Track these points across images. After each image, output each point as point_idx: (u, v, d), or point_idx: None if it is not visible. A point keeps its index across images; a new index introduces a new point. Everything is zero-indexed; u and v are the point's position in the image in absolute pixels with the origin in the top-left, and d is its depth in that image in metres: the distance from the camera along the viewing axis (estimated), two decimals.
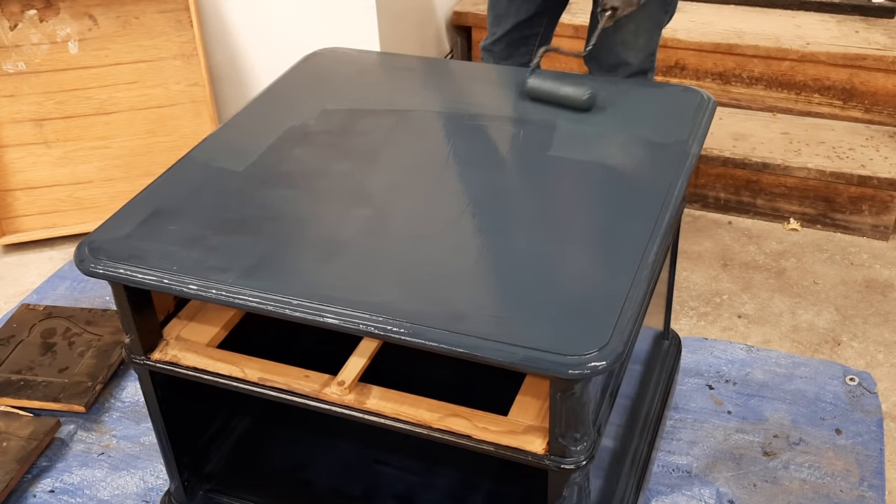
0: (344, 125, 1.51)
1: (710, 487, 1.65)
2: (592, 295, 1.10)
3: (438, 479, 1.53)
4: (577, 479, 1.16)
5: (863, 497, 1.63)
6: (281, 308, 1.11)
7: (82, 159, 2.47)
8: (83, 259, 1.21)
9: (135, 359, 1.33)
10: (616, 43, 1.89)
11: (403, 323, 1.06)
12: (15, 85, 2.40)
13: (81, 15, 2.40)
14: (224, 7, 2.55)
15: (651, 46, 1.94)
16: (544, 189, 1.31)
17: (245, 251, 1.20)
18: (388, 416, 1.20)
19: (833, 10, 2.71)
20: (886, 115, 2.52)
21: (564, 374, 1.01)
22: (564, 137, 1.42)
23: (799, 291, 2.16)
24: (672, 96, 1.53)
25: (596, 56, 1.94)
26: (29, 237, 2.45)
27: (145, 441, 1.81)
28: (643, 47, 1.91)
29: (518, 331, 1.05)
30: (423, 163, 1.38)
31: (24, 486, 1.72)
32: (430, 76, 1.68)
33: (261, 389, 1.27)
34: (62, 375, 1.91)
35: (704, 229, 2.41)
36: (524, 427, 1.17)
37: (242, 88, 2.64)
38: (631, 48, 1.90)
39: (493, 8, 2.04)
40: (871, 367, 1.93)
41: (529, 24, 2.02)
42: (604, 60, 1.93)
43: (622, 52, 1.90)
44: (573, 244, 1.20)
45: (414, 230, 1.24)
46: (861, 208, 2.34)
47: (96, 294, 2.22)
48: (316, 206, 1.31)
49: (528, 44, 2.06)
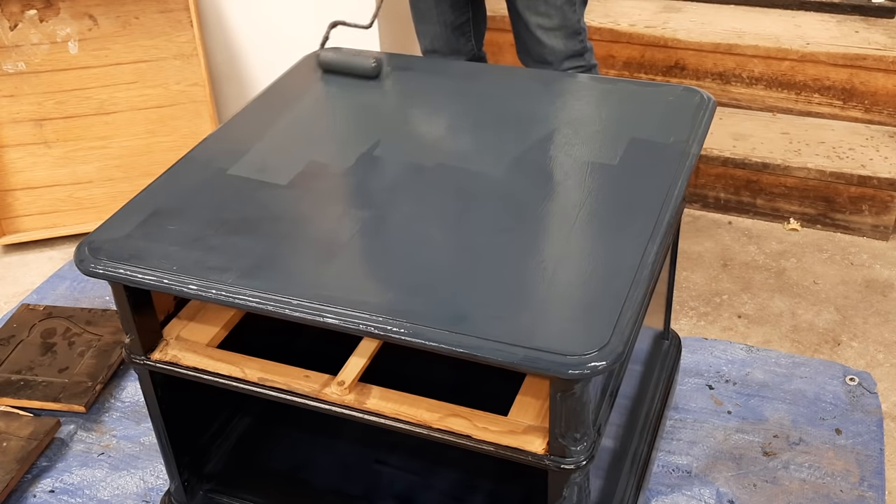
0: (343, 125, 1.52)
1: (710, 487, 1.65)
2: (592, 295, 1.10)
3: (438, 479, 1.53)
4: (577, 479, 1.16)
5: (863, 497, 1.63)
6: (281, 308, 1.11)
7: (82, 159, 2.47)
8: (83, 259, 1.21)
9: (135, 359, 1.33)
10: (533, 26, 1.89)
11: (403, 323, 1.06)
12: (15, 85, 2.40)
13: (81, 15, 2.40)
14: (224, 7, 2.55)
15: (570, 24, 1.91)
16: (544, 189, 1.31)
17: (245, 251, 1.20)
18: (388, 416, 1.20)
19: (833, 10, 2.71)
20: (886, 115, 2.52)
21: (564, 374, 1.01)
22: (564, 137, 1.42)
23: (799, 291, 2.16)
24: (672, 96, 1.53)
25: (523, 47, 1.95)
26: (29, 237, 2.45)
27: (145, 441, 1.81)
28: (560, 25, 1.89)
29: (518, 331, 1.05)
30: (423, 163, 1.38)
31: (24, 486, 1.72)
32: (430, 76, 1.68)
33: (261, 389, 1.27)
34: (62, 375, 1.91)
35: (704, 229, 2.41)
36: (524, 427, 1.17)
37: (242, 88, 2.64)
38: (548, 29, 1.89)
39: (413, 5, 2.04)
40: (871, 367, 1.93)
41: (458, 12, 2.01)
42: (531, 49, 1.93)
43: (542, 35, 1.90)
44: (573, 244, 1.20)
45: (414, 230, 1.24)
46: (861, 208, 2.34)
47: (96, 294, 2.23)
48: (316, 206, 1.31)
49: (465, 33, 2.06)
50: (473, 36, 2.07)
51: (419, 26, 2.07)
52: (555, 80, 1.68)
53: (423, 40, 2.07)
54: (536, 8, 1.87)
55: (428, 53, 2.09)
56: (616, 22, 2.69)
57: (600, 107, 1.53)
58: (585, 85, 1.64)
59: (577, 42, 1.93)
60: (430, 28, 2.03)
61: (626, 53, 2.70)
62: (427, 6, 2.01)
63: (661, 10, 2.78)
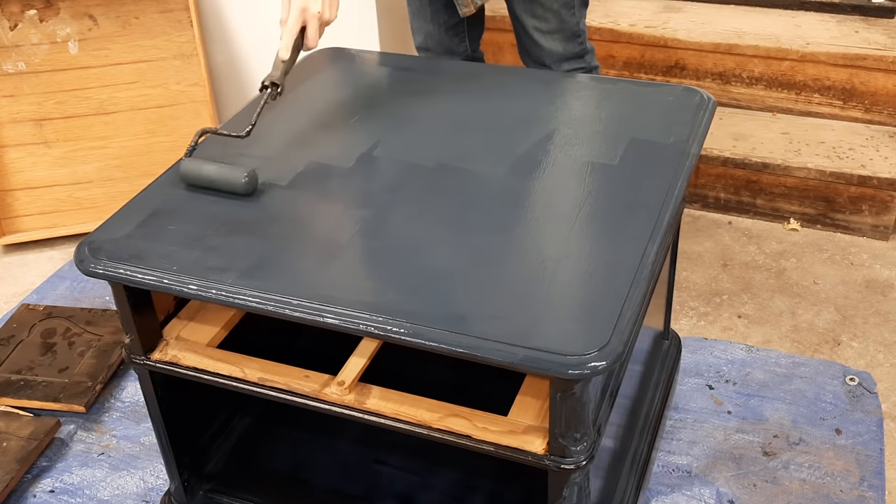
0: (343, 125, 1.51)
1: (710, 487, 1.65)
2: (592, 295, 1.10)
3: (438, 479, 1.52)
4: (577, 479, 1.16)
5: (863, 497, 1.63)
6: (281, 308, 1.11)
7: (82, 159, 2.47)
8: (83, 259, 1.21)
9: (135, 359, 1.33)
10: (530, 28, 1.88)
11: (403, 323, 1.06)
12: (15, 85, 2.40)
13: (81, 15, 2.40)
14: (224, 7, 2.55)
15: (568, 26, 1.90)
16: (544, 189, 1.31)
17: (245, 251, 1.20)
18: (388, 416, 1.20)
19: (833, 10, 2.71)
20: (886, 115, 2.52)
21: (564, 374, 1.01)
22: (564, 137, 1.42)
23: (799, 291, 2.16)
24: (672, 96, 1.53)
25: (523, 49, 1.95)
26: (29, 237, 2.45)
27: (145, 441, 1.81)
28: (557, 28, 1.89)
29: (518, 331, 1.05)
30: (423, 163, 1.38)
31: (24, 486, 1.72)
32: (430, 76, 1.68)
33: (261, 389, 1.26)
34: (62, 375, 1.91)
35: (704, 229, 2.41)
36: (524, 427, 1.17)
37: (242, 88, 2.64)
38: (545, 32, 1.89)
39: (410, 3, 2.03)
40: (871, 367, 1.93)
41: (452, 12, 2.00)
42: (530, 51, 1.93)
43: (539, 37, 1.90)
44: (573, 244, 1.20)
45: (414, 230, 1.24)
46: (861, 208, 2.34)
47: (96, 294, 2.23)
48: (316, 207, 1.31)
49: (459, 34, 2.06)
50: (468, 37, 2.06)
51: (414, 23, 2.06)
52: (555, 80, 1.68)
53: (416, 37, 2.07)
54: (533, 11, 1.87)
55: (421, 51, 2.09)
56: (616, 22, 2.69)
57: (600, 107, 1.53)
58: (585, 85, 1.64)
59: (577, 44, 1.93)
60: (424, 26, 2.03)
61: (626, 53, 2.70)
62: (422, 4, 2.00)
63: (661, 10, 2.78)
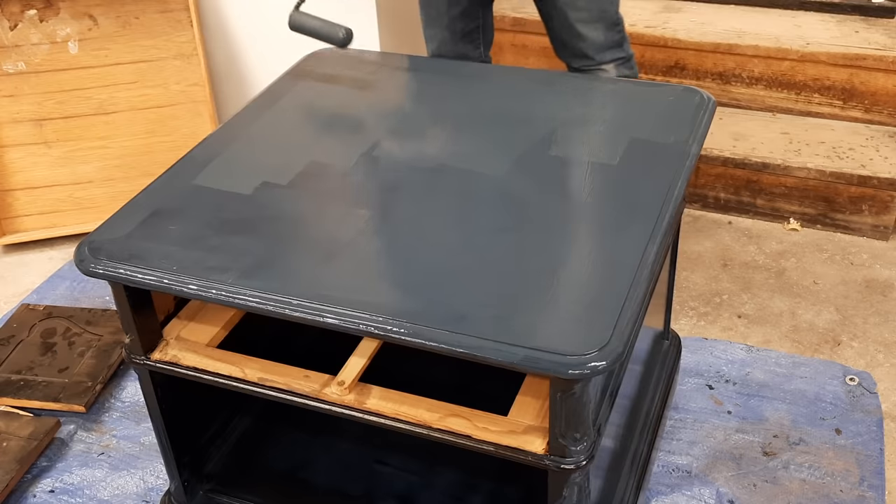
0: (343, 125, 1.52)
1: (710, 487, 1.65)
2: (592, 295, 1.10)
3: (438, 479, 1.52)
4: (577, 479, 1.16)
5: (863, 497, 1.63)
6: (281, 308, 1.11)
7: (82, 159, 2.47)
8: (83, 259, 1.21)
9: (135, 359, 1.33)
10: (572, 20, 1.89)
11: (403, 323, 1.06)
12: (15, 85, 2.40)
13: (81, 15, 2.40)
14: (224, 7, 2.55)
15: (609, 15, 1.91)
16: (544, 189, 1.31)
17: (245, 251, 1.20)
18: (388, 416, 1.20)
19: (833, 10, 2.71)
20: (886, 115, 2.52)
21: (564, 374, 1.01)
22: (564, 137, 1.42)
23: (799, 291, 2.16)
24: (672, 96, 1.53)
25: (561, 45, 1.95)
26: (29, 237, 2.45)
27: (145, 441, 1.81)
28: (599, 17, 1.90)
29: (518, 331, 1.05)
30: (423, 163, 1.38)
31: (24, 486, 1.72)
32: (430, 76, 1.68)
33: (261, 389, 1.26)
34: (62, 375, 1.91)
35: (704, 229, 2.41)
36: (524, 427, 1.17)
37: (242, 88, 2.64)
38: (588, 21, 1.90)
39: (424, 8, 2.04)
40: (871, 367, 1.93)
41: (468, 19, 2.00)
42: (570, 44, 1.93)
43: (581, 28, 1.90)
44: (573, 244, 1.20)
45: (414, 230, 1.24)
46: (861, 208, 2.34)
47: (96, 294, 2.22)
48: (316, 206, 1.31)
49: (474, 40, 2.06)
50: (483, 42, 2.07)
51: (427, 31, 2.06)
52: (555, 80, 1.68)
53: (430, 45, 2.07)
54: (575, 3, 1.87)
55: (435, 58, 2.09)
56: None
57: (600, 107, 1.53)
58: (585, 85, 1.64)
59: (616, 32, 1.94)
60: (439, 33, 2.03)
61: None
62: (438, 12, 2.00)
63: (661, 10, 2.78)
